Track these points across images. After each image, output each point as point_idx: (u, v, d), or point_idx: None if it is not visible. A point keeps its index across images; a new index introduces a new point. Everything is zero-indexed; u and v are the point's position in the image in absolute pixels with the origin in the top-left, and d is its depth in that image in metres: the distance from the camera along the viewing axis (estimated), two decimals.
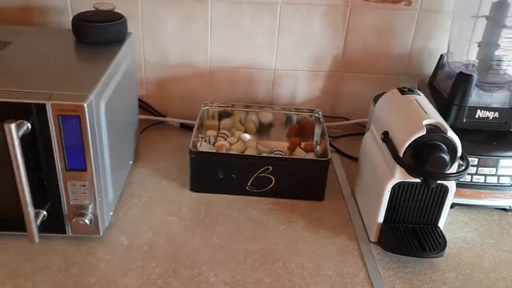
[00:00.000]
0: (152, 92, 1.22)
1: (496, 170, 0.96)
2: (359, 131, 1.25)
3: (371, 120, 0.98)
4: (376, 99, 0.99)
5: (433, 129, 0.81)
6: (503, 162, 0.95)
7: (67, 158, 0.77)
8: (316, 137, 1.15)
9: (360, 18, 1.13)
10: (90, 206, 0.82)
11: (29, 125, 0.74)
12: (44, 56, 0.89)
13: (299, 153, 1.08)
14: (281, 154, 1.07)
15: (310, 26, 1.14)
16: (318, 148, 1.13)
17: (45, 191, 0.80)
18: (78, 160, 0.77)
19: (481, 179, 0.97)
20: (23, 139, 0.72)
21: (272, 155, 1.06)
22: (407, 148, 0.80)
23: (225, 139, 1.12)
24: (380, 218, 0.88)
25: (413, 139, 0.80)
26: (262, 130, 1.18)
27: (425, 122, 0.81)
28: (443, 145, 0.80)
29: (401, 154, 0.81)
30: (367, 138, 0.98)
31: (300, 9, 1.12)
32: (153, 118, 1.25)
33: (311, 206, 0.99)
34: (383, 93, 0.98)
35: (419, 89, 0.97)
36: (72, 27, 0.94)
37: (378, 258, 0.87)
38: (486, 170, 0.96)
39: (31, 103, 0.73)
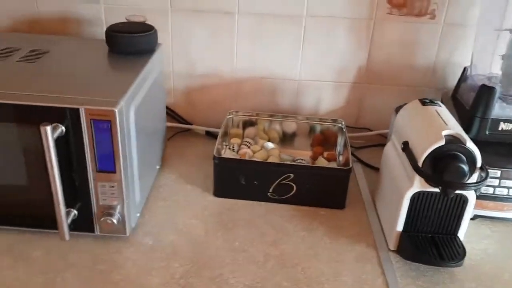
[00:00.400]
0: (180, 100, 1.27)
1: None
2: (382, 142, 1.26)
3: (392, 130, 1.00)
4: (398, 110, 1.01)
5: (452, 140, 0.82)
6: None
7: (98, 160, 0.81)
8: (339, 147, 1.17)
9: (384, 31, 1.15)
10: (118, 207, 0.86)
11: (63, 128, 0.79)
12: (78, 64, 0.94)
13: (322, 162, 1.10)
14: (303, 163, 1.09)
15: (335, 38, 1.17)
16: (340, 158, 1.15)
17: (76, 191, 0.85)
18: (108, 162, 0.81)
19: (504, 191, 0.97)
20: (57, 141, 0.76)
21: (294, 163, 1.08)
22: (426, 158, 0.82)
23: (249, 147, 1.14)
24: (400, 227, 0.89)
25: (432, 149, 0.81)
26: (286, 139, 1.21)
27: (444, 132, 0.83)
28: (462, 155, 0.81)
29: (420, 164, 0.82)
30: (388, 148, 0.99)
31: (324, 22, 1.15)
32: (180, 126, 1.29)
33: (332, 214, 1.01)
34: (405, 104, 1.00)
35: (442, 102, 0.98)
36: (106, 37, 0.98)
37: (396, 266, 0.88)
38: (509, 183, 0.96)
39: (66, 108, 0.77)
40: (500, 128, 0.98)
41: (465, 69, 1.08)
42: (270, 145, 1.15)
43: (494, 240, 0.96)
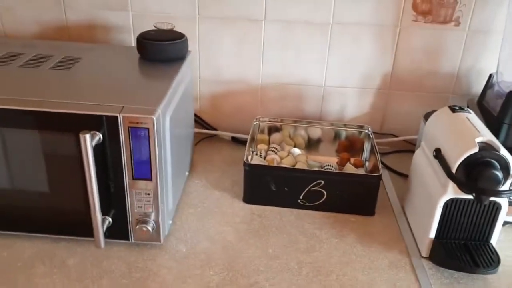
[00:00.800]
0: (206, 106, 1.28)
1: None
2: (407, 148, 1.27)
3: (422, 137, 1.00)
4: (426, 116, 1.01)
5: (485, 147, 0.82)
6: None
7: (135, 167, 0.82)
8: (366, 153, 1.18)
9: (409, 38, 1.16)
10: (153, 214, 0.86)
11: (100, 135, 0.79)
12: (111, 72, 0.95)
13: (349, 169, 1.10)
14: (331, 169, 1.10)
15: (360, 45, 1.18)
16: (367, 164, 1.15)
17: (111, 199, 0.85)
18: (144, 170, 0.82)
19: None
20: (94, 149, 0.77)
21: (325, 169, 1.09)
22: (459, 165, 0.82)
23: (276, 153, 1.15)
24: (432, 234, 0.89)
25: (465, 156, 0.81)
26: (311, 145, 1.22)
27: (478, 139, 0.83)
28: (495, 162, 0.81)
29: (453, 171, 0.83)
30: (417, 155, 0.99)
31: (350, 29, 1.15)
32: (207, 132, 1.30)
33: (362, 220, 1.01)
34: (433, 110, 1.00)
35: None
36: (137, 44, 0.99)
37: (430, 273, 0.88)
38: None
39: (104, 115, 0.78)
40: None
41: (490, 76, 1.08)
42: (297, 151, 1.15)
43: None
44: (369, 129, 1.16)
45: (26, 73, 0.91)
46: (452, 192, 0.85)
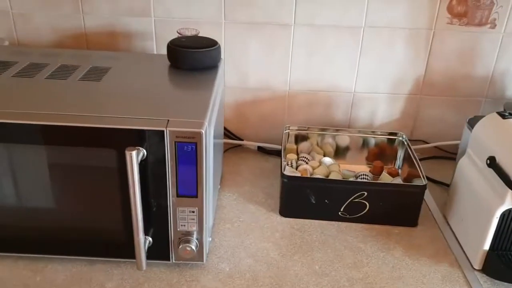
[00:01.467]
0: (231, 115, 1.22)
1: None
2: (439, 154, 1.24)
3: (467, 144, 0.96)
4: (471, 122, 0.97)
5: None
6: None
7: (179, 184, 0.77)
8: (399, 161, 1.14)
9: (443, 41, 1.12)
10: (196, 232, 0.81)
11: (144, 151, 0.74)
12: (145, 82, 0.89)
13: (386, 178, 1.07)
14: (367, 179, 1.06)
15: (392, 49, 1.14)
16: (400, 172, 1.11)
17: (151, 217, 0.80)
18: (190, 187, 0.77)
19: None
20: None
21: (365, 180, 1.04)
22: None
23: (306, 163, 1.11)
24: (487, 245, 0.86)
25: None
26: (339, 153, 1.18)
27: None
28: None
29: None
30: (463, 163, 0.96)
31: (383, 33, 1.12)
32: (232, 142, 1.25)
33: (406, 232, 0.97)
34: (478, 116, 0.97)
35: None
36: (168, 52, 0.94)
37: (485, 286, 0.84)
38: None
39: (149, 130, 0.73)
40: None
41: None
42: (329, 160, 1.11)
43: None
44: (404, 136, 1.12)
45: (55, 85, 0.84)
46: (510, 202, 0.81)
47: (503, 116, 0.91)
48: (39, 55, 0.99)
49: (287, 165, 1.09)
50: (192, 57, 0.92)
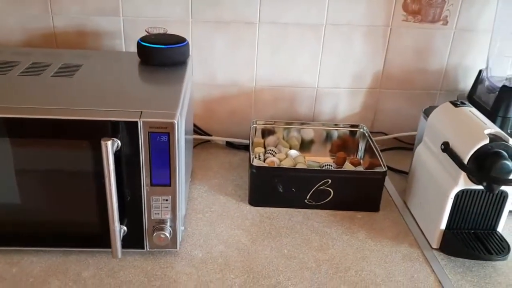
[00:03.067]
0: (199, 111, 1.26)
1: None
2: (398, 145, 1.31)
3: (423, 133, 1.03)
4: (426, 112, 1.04)
5: (494, 138, 0.86)
6: None
7: (153, 173, 0.80)
8: (360, 152, 1.20)
9: (399, 37, 1.19)
10: (169, 220, 0.85)
11: (119, 142, 0.77)
12: (117, 77, 0.92)
13: (349, 167, 1.12)
14: (332, 168, 1.11)
15: (353, 46, 1.20)
16: (362, 162, 1.17)
17: (126, 207, 0.83)
18: (163, 176, 0.80)
19: None
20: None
21: (332, 168, 1.10)
22: (471, 156, 0.85)
23: (274, 156, 1.15)
24: (443, 225, 0.92)
25: (477, 147, 0.85)
26: (304, 146, 1.23)
27: (486, 131, 0.86)
28: (505, 152, 0.85)
29: (465, 163, 0.86)
30: (420, 150, 1.02)
31: (343, 30, 1.18)
32: (201, 137, 1.28)
33: (368, 217, 1.03)
34: (432, 106, 1.04)
35: None
36: (138, 49, 0.97)
37: (443, 263, 0.91)
38: None
39: (124, 121, 0.76)
40: None
41: (480, 71, 1.13)
42: (295, 152, 1.16)
43: None
44: (365, 128, 1.18)
45: (28, 81, 0.86)
46: (462, 183, 0.88)
47: (455, 104, 0.98)
48: (10, 54, 1.00)
49: (255, 158, 1.14)
50: (162, 54, 0.96)
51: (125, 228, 0.84)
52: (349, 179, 1.02)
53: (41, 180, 0.80)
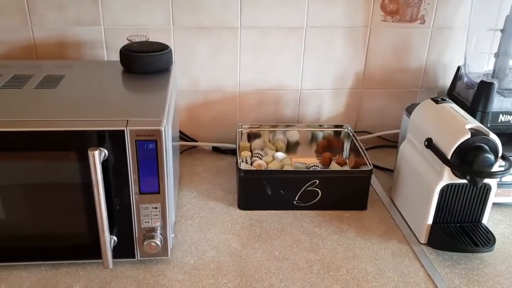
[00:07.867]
0: (184, 118, 1.26)
1: None
2: (382, 143, 1.32)
3: (407, 129, 1.04)
4: (408, 110, 1.06)
5: (475, 133, 0.88)
6: None
7: (141, 181, 0.80)
8: (345, 151, 1.21)
9: (379, 37, 1.21)
10: (159, 228, 0.85)
11: (106, 152, 0.77)
12: (101, 87, 0.92)
13: (335, 167, 1.13)
14: (318, 169, 1.12)
15: (333, 47, 1.21)
16: (347, 161, 1.18)
17: (115, 216, 0.82)
18: (152, 183, 0.80)
19: (509, 178, 1.04)
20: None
21: (319, 169, 1.11)
22: (453, 151, 0.87)
23: (261, 159, 1.16)
24: (429, 220, 0.93)
25: (459, 142, 0.86)
26: (290, 148, 1.24)
27: (468, 126, 0.88)
28: (486, 146, 0.87)
29: (448, 158, 0.87)
30: (404, 147, 1.04)
31: (323, 32, 1.19)
32: (187, 144, 1.28)
33: (356, 215, 1.04)
34: (414, 104, 1.05)
35: None
36: (121, 57, 0.97)
37: (431, 257, 0.92)
38: None
39: (109, 130, 0.76)
40: (499, 120, 1.06)
41: (459, 68, 1.15)
42: (281, 155, 1.17)
43: (507, 224, 1.03)
44: (349, 128, 1.19)
45: (10, 94, 0.86)
46: (447, 178, 0.90)
47: (436, 101, 1.00)
48: None
49: (242, 161, 1.14)
50: (145, 61, 0.96)
51: (115, 238, 0.84)
52: (336, 179, 1.03)
53: (28, 193, 0.79)
